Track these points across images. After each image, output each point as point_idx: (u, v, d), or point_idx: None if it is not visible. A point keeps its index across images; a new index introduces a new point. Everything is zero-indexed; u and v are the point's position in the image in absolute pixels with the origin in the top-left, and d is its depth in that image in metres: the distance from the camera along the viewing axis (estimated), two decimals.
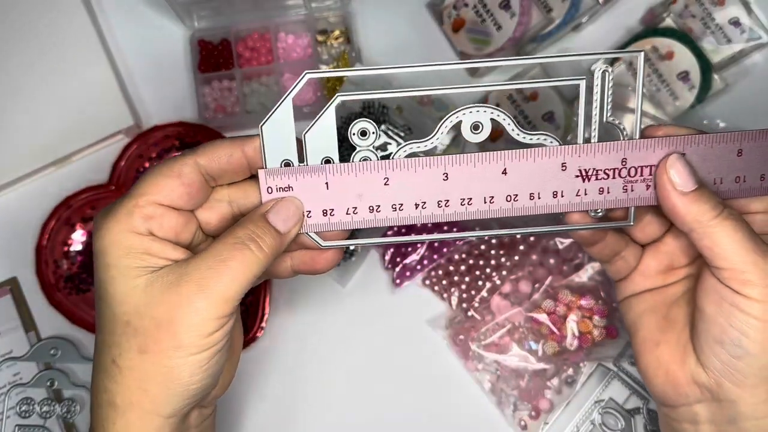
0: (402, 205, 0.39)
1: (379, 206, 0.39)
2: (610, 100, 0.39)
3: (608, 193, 0.39)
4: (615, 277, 0.45)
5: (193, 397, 0.38)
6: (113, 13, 0.65)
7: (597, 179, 0.39)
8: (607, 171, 0.39)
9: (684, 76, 0.59)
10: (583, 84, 0.39)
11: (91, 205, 0.61)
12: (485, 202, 0.39)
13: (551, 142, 0.39)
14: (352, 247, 0.59)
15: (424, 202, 0.39)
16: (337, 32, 0.63)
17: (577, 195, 0.39)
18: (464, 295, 0.58)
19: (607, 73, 0.38)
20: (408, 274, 0.59)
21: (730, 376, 0.39)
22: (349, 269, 0.59)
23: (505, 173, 0.39)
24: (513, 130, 0.39)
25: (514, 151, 0.39)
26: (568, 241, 0.57)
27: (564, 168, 0.39)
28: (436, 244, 0.59)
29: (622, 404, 0.56)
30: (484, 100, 0.60)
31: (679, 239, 0.43)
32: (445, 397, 0.58)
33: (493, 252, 0.58)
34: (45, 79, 0.62)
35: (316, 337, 0.59)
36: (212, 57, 0.63)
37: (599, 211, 0.40)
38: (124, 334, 0.36)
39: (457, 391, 0.57)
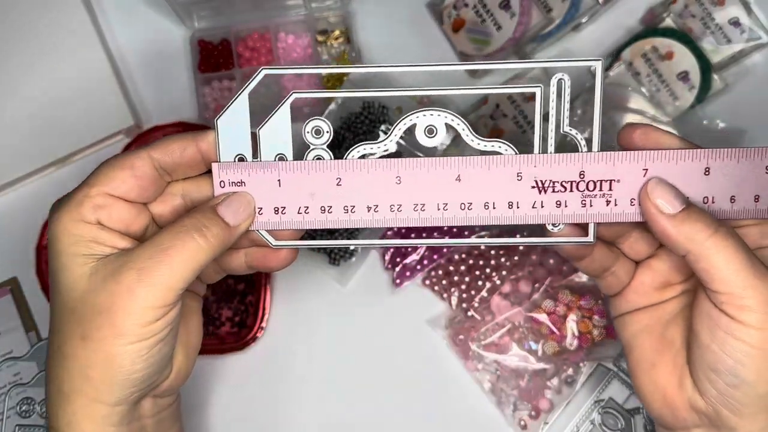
0: (354, 207, 0.39)
1: (330, 207, 0.39)
2: (567, 108, 0.38)
3: (566, 206, 0.38)
4: (607, 292, 0.44)
5: (136, 385, 0.37)
6: (113, 13, 0.65)
7: (554, 191, 0.38)
8: (564, 183, 0.38)
9: (684, 76, 0.59)
10: (539, 92, 0.38)
11: None
12: (438, 209, 0.38)
13: (506, 150, 0.38)
14: (352, 247, 0.59)
15: (377, 206, 0.38)
16: (337, 32, 0.63)
17: (533, 207, 0.38)
18: (464, 295, 0.58)
19: (563, 82, 0.37)
20: (408, 274, 0.59)
21: (727, 405, 0.37)
22: (349, 269, 0.59)
23: (459, 180, 0.38)
24: (467, 135, 0.38)
25: (468, 157, 0.38)
26: None
27: (519, 178, 0.38)
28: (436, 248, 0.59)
29: (622, 404, 0.56)
30: (483, 100, 0.60)
31: (673, 255, 0.40)
32: (445, 397, 0.58)
33: (493, 252, 0.58)
34: (45, 79, 0.62)
35: (316, 336, 0.59)
36: (212, 57, 0.63)
37: (558, 224, 0.39)
38: (69, 321, 0.37)
39: (457, 391, 0.57)
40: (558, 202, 0.38)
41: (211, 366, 0.59)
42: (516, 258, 0.58)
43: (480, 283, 0.58)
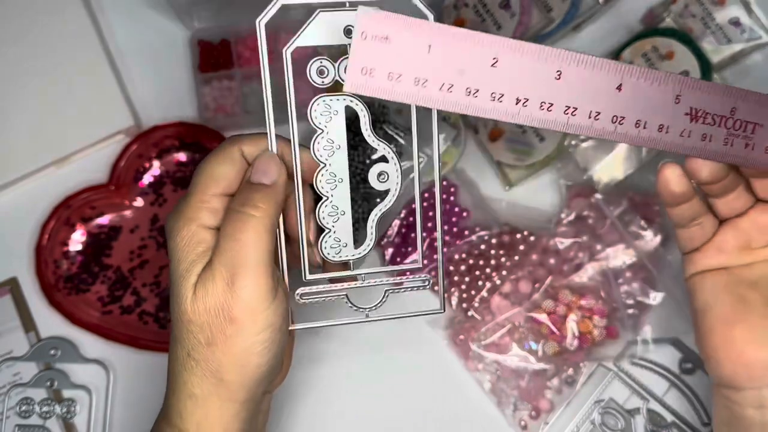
0: (503, 96, 0.35)
1: (477, 90, 0.35)
2: None
3: (709, 141, 0.36)
4: (687, 246, 0.43)
5: (264, 379, 0.40)
6: (113, 13, 0.65)
7: (704, 123, 0.36)
8: (714, 116, 0.36)
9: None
10: None
11: (90, 205, 0.61)
12: (589, 117, 0.35)
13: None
14: None
15: (527, 99, 0.35)
16: None
17: (681, 135, 0.36)
18: (464, 295, 0.58)
19: None
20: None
21: None
22: None
23: (620, 89, 0.35)
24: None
25: (632, 66, 0.35)
26: (568, 241, 0.57)
27: (677, 101, 0.36)
28: (435, 244, 0.59)
29: (622, 404, 0.56)
30: None
31: (762, 217, 0.41)
32: (445, 397, 0.57)
33: (493, 252, 0.58)
34: (45, 79, 0.62)
35: (316, 336, 0.59)
36: (212, 57, 0.63)
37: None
38: (189, 331, 0.38)
39: (457, 391, 0.57)
40: (704, 135, 0.36)
41: None
42: (516, 258, 0.58)
43: (480, 283, 0.58)
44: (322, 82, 0.39)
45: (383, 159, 0.40)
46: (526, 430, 0.56)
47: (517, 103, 0.35)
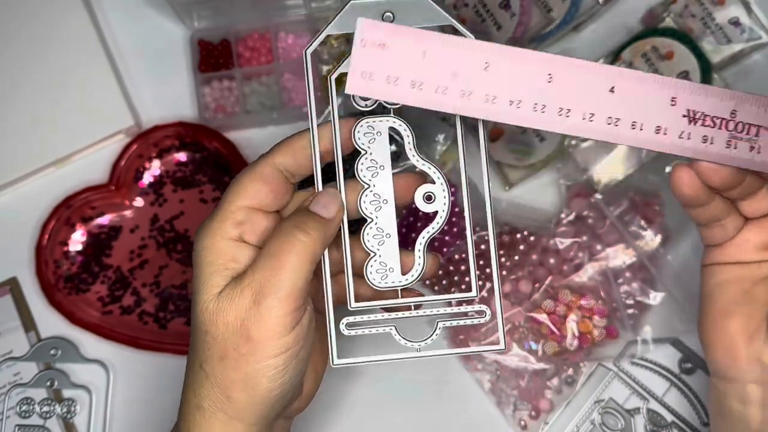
0: (496, 97, 0.36)
1: (471, 92, 0.36)
2: None
3: (711, 143, 0.36)
4: (707, 242, 0.43)
5: (274, 405, 0.39)
6: (113, 13, 0.65)
7: (703, 125, 0.36)
8: (714, 119, 0.36)
9: (684, 76, 0.58)
10: None
11: (91, 205, 0.61)
12: (584, 119, 0.36)
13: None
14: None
15: (520, 101, 0.36)
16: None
17: (680, 137, 0.36)
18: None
19: None
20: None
21: None
22: None
23: (613, 92, 0.36)
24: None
25: (623, 69, 0.36)
26: (568, 241, 0.58)
27: (673, 103, 0.36)
28: (436, 244, 0.59)
29: (622, 404, 0.56)
30: None
31: None
32: (445, 397, 0.57)
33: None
34: (45, 79, 0.62)
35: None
36: (212, 57, 0.63)
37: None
38: (205, 342, 0.38)
39: (457, 391, 0.57)
40: (705, 137, 0.36)
41: None
42: (516, 258, 0.58)
43: (480, 283, 0.58)
44: (366, 104, 0.39)
45: (429, 179, 0.39)
46: (526, 430, 0.56)
47: (510, 105, 0.36)
